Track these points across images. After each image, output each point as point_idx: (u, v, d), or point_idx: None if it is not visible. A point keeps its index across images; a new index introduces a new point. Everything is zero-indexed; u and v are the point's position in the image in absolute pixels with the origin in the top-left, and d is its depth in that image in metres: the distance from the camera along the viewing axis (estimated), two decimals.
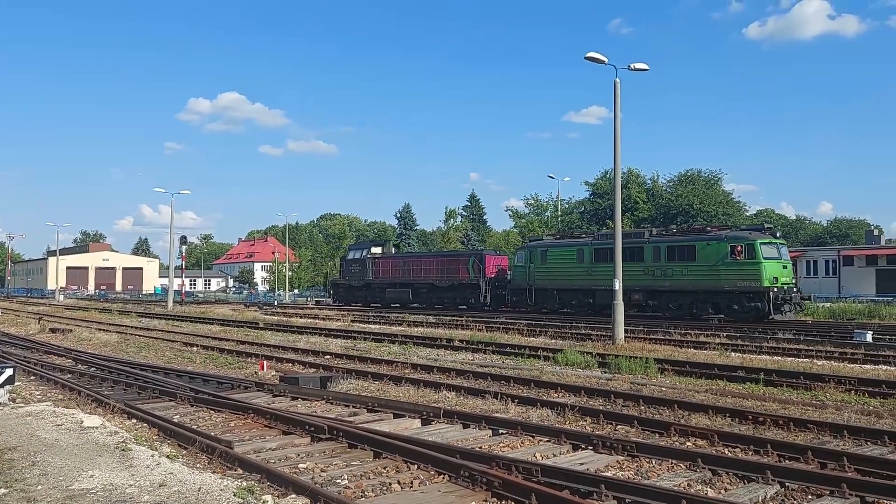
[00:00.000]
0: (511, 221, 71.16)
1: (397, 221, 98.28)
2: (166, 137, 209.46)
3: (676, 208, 48.16)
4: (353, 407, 10.35)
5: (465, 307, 38.92)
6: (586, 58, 20.28)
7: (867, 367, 14.99)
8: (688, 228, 32.37)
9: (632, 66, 20.89)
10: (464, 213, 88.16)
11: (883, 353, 16.66)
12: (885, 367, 14.78)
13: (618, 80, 20.77)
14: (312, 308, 47.64)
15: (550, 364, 15.69)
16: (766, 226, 30.11)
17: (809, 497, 6.19)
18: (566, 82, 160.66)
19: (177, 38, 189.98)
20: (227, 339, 22.89)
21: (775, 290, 27.25)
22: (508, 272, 39.37)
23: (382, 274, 44.31)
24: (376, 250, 46.40)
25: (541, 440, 8.22)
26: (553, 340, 21.43)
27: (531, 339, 22.15)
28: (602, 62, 20.38)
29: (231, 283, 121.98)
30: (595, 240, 33.70)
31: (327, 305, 49.39)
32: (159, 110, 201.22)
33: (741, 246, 27.97)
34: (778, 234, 30.02)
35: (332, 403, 10.72)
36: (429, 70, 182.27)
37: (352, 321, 32.30)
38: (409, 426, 9.16)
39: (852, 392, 11.55)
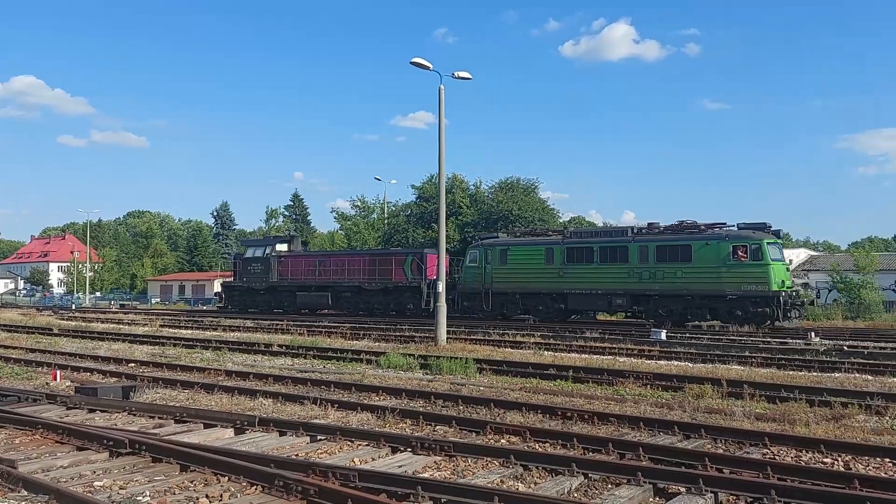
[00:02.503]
0: (337, 223, 70.50)
1: (214, 220, 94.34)
2: None
3: (497, 214, 50.08)
4: (159, 418, 9.67)
5: (395, 313, 34.57)
6: (412, 63, 20.57)
7: (661, 362, 16.42)
8: (680, 226, 28.45)
9: (455, 74, 21.49)
10: (286, 213, 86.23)
11: (675, 349, 18.37)
12: (676, 363, 16.26)
13: (442, 86, 21.28)
14: (117, 312, 44.28)
15: (373, 367, 15.67)
16: (766, 224, 26.95)
17: (609, 486, 6.59)
18: (394, 87, 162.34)
19: None
20: (15, 347, 20.61)
21: (784, 294, 25.45)
22: (455, 274, 35.54)
23: (292, 275, 38.74)
24: (282, 247, 40.63)
25: (360, 444, 8.13)
26: (377, 343, 21.46)
27: (355, 342, 22.03)
28: (427, 68, 20.76)
29: (21, 284, 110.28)
30: (567, 238, 30.00)
31: (140, 311, 45.88)
32: None
33: (746, 246, 25.72)
34: (782, 234, 27.57)
35: (135, 415, 9.94)
36: (253, 67, 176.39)
37: (161, 326, 30.40)
38: (222, 436, 8.70)
39: (648, 386, 12.55)
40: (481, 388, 12.76)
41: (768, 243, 25.64)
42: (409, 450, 7.73)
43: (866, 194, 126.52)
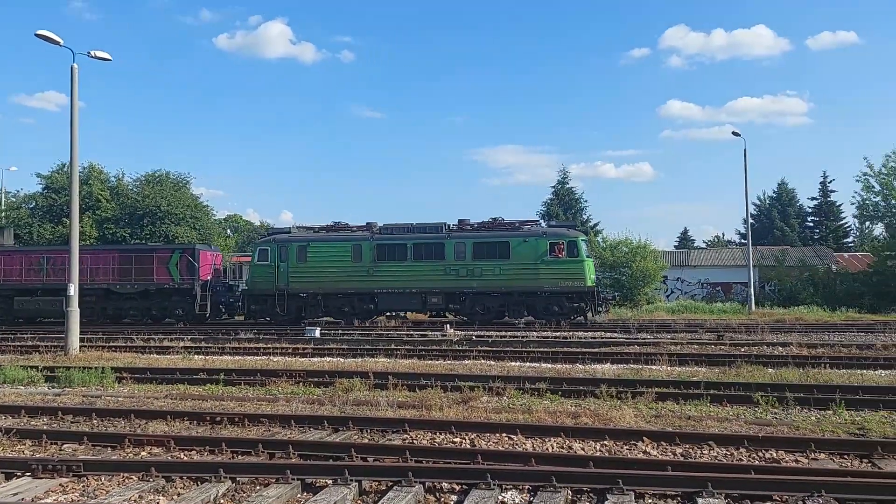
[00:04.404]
0: None
1: None
2: None
3: (143, 209, 46.43)
4: None
5: (152, 321, 29.06)
6: (37, 35, 18.07)
7: (315, 359, 16.78)
8: (496, 223, 27.91)
9: (92, 53, 19.39)
10: None
11: (328, 346, 18.90)
12: (329, 359, 16.75)
13: (76, 65, 19.01)
14: None
15: None
16: (574, 223, 27.42)
17: (259, 487, 6.52)
18: (17, 60, 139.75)
19: None
20: None
21: (596, 289, 26.56)
22: (238, 274, 30.45)
23: (5, 275, 30.50)
24: None
25: None
26: None
27: None
28: (57, 43, 18.42)
29: None
30: (377, 234, 28.03)
31: None
32: None
33: (563, 243, 26.22)
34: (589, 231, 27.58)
35: None
36: None
37: None
38: None
39: (301, 384, 12.69)
40: (120, 399, 11.71)
41: (581, 240, 26.80)
42: (29, 474, 6.79)
43: (492, 203, 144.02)
